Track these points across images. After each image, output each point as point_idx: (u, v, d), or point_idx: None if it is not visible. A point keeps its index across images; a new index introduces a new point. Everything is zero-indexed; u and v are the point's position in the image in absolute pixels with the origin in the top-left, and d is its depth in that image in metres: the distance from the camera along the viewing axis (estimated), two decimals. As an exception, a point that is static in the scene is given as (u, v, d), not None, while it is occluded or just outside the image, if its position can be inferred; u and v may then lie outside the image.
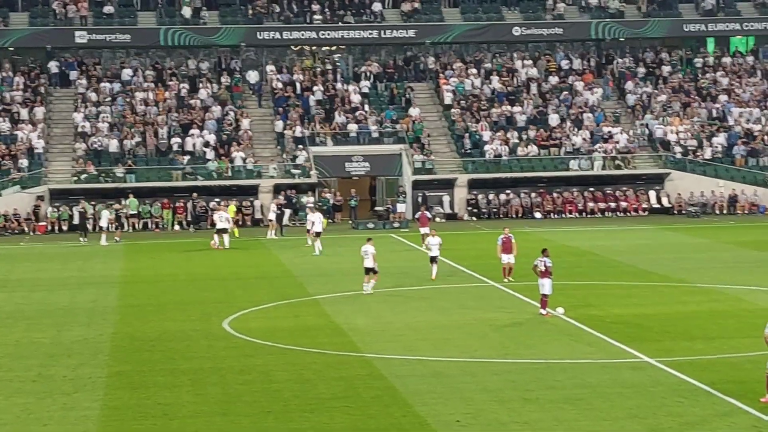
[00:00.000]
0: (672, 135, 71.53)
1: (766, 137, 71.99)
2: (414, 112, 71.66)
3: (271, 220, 59.12)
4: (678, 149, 70.70)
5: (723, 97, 74.96)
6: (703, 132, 71.96)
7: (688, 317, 34.00)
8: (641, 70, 77.14)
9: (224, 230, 53.76)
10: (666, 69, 77.50)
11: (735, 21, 78.94)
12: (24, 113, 69.29)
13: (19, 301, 39.33)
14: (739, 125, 72.70)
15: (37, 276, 45.84)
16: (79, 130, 68.56)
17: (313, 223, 52.31)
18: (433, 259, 41.99)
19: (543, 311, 34.10)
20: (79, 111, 69.91)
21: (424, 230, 52.45)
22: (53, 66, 73.05)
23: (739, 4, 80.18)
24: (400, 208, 65.31)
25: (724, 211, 67.93)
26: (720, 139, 71.44)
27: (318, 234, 51.66)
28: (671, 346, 29.66)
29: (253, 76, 74.37)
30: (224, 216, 54.61)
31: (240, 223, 62.83)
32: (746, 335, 30.03)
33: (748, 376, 25.19)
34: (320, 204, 64.71)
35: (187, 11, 74.64)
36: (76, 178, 65.76)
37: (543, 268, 34.16)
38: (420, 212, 55.96)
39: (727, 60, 78.79)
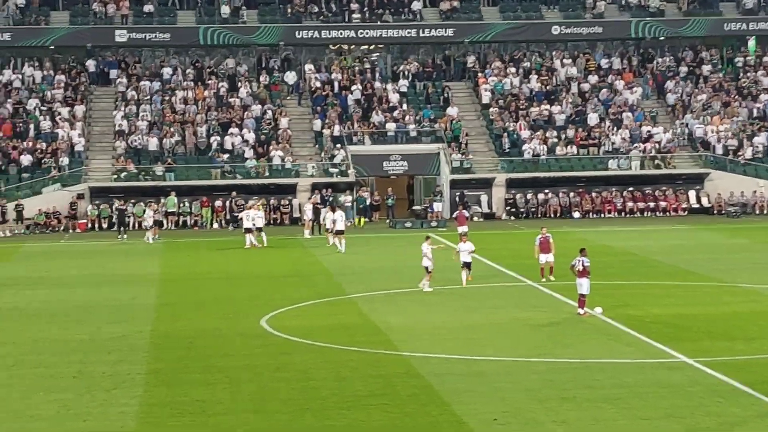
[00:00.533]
0: (712, 134, 71.10)
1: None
2: (452, 111, 71.60)
3: (308, 219, 59.09)
4: (718, 149, 70.27)
5: (764, 96, 74.45)
6: (744, 131, 71.49)
7: (727, 317, 33.78)
8: (681, 69, 76.72)
9: (249, 230, 53.31)
10: (706, 68, 77.05)
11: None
12: (64, 112, 69.75)
13: (60, 298, 39.61)
14: (780, 124, 72.24)
15: (77, 273, 46.14)
16: (119, 128, 68.95)
17: (334, 221, 52.06)
18: (466, 265, 40.46)
19: (581, 311, 33.98)
20: (119, 109, 70.32)
21: (461, 229, 52.63)
22: (92, 65, 73.53)
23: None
24: (437, 207, 65.30)
25: (765, 212, 67.46)
26: (761, 139, 70.95)
27: (339, 232, 51.26)
28: (710, 346, 29.50)
29: (291, 76, 74.55)
30: (252, 215, 54.19)
31: (278, 221, 62.96)
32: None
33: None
34: (357, 203, 64.76)
35: (225, 10, 74.90)
36: (115, 177, 66.13)
37: (581, 268, 34.04)
38: (458, 211, 55.88)
39: (768, 59, 78.28)
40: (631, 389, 24.92)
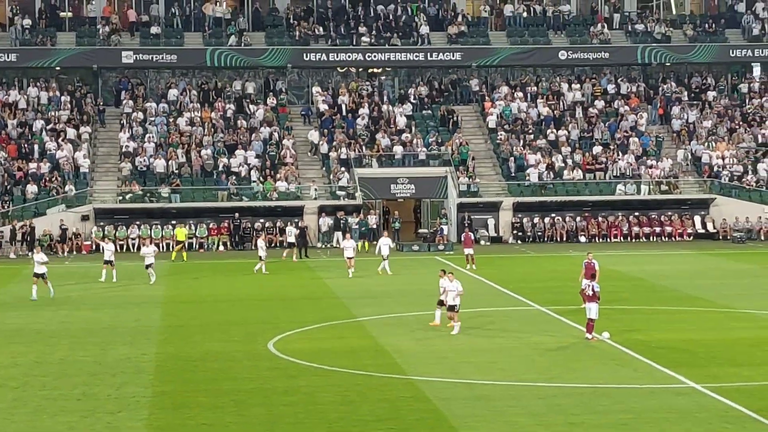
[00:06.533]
0: (717, 160, 71.11)
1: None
2: (459, 135, 71.63)
3: (291, 243, 59.11)
4: (724, 174, 70.25)
5: (770, 123, 74.54)
6: (749, 158, 71.49)
7: (734, 343, 33.67)
8: (687, 95, 76.78)
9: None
10: (711, 94, 77.12)
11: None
12: (70, 133, 69.82)
13: (63, 320, 39.51)
14: (786, 151, 72.30)
15: (81, 294, 46.08)
16: (125, 149, 69.01)
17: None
18: (450, 308, 35.58)
19: (589, 335, 33.89)
20: (125, 131, 70.40)
21: (468, 251, 53.06)
22: (100, 85, 73.73)
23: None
24: (444, 230, 65.28)
25: (771, 238, 67.47)
26: (766, 165, 70.91)
27: (350, 258, 51.03)
28: (717, 371, 29.38)
29: (299, 98, 74.64)
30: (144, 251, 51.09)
31: (274, 244, 63.00)
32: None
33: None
34: (360, 226, 64.69)
35: (231, 40, 74.89)
36: (121, 198, 66.14)
37: (591, 293, 34.00)
38: (464, 233, 56.00)
39: (774, 85, 78.42)
40: (638, 415, 24.80)
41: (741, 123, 74.68)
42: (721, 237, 67.30)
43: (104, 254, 50.85)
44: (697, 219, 68.53)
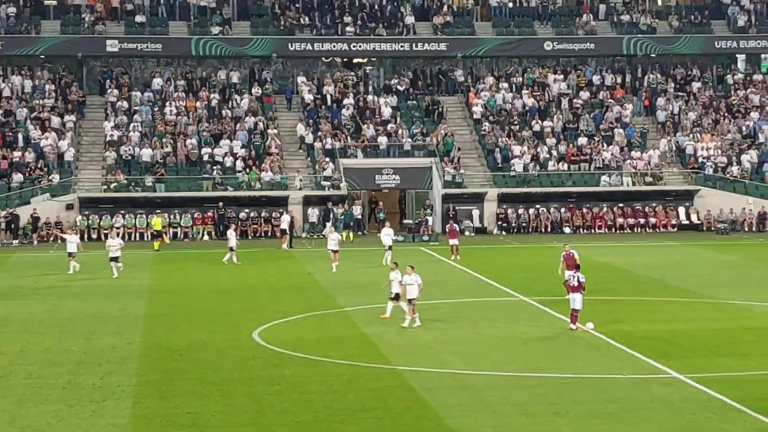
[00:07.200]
0: (702, 151, 71.29)
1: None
2: (444, 126, 71.66)
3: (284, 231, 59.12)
4: (708, 166, 70.43)
5: (754, 114, 74.67)
6: (733, 149, 71.69)
7: (718, 334, 33.82)
8: (672, 86, 76.94)
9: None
10: (696, 85, 77.27)
11: (767, 38, 78.67)
12: (55, 121, 69.62)
13: (49, 309, 39.47)
14: (770, 142, 72.54)
15: (66, 284, 46.01)
16: (109, 138, 68.85)
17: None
18: (410, 301, 34.83)
19: (573, 326, 33.98)
20: (110, 120, 70.24)
21: (453, 242, 53.12)
22: (84, 74, 73.53)
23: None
24: (428, 221, 65.31)
25: (753, 229, 67.58)
26: (750, 157, 71.13)
27: (334, 251, 50.06)
28: (701, 362, 29.50)
29: (284, 88, 74.56)
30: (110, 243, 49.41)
31: (269, 233, 62.96)
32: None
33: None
34: (341, 218, 64.55)
35: (216, 29, 74.70)
36: (105, 187, 66.01)
37: (576, 283, 34.09)
38: (449, 224, 56.06)
39: (758, 77, 78.49)
40: (623, 405, 24.90)
41: (726, 114, 74.85)
42: (705, 228, 67.49)
43: (67, 247, 49.53)
44: (682, 210, 68.70)
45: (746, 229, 67.64)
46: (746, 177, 69.91)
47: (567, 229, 66.79)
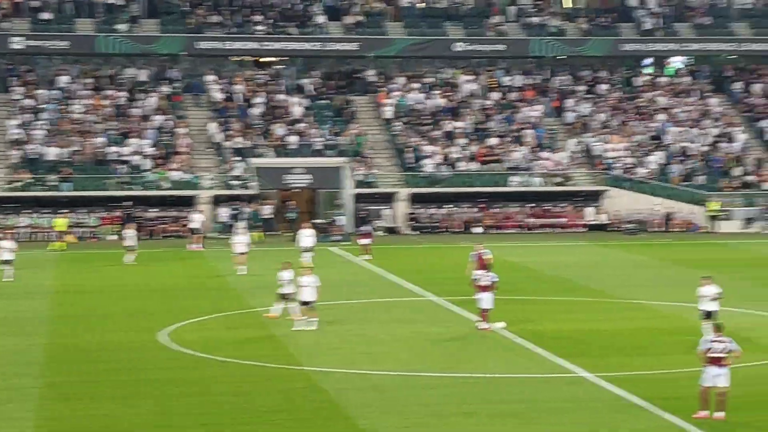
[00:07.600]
0: (610, 152, 72.03)
1: (701, 156, 72.76)
2: (356, 125, 71.56)
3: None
4: (616, 167, 71.16)
5: (661, 116, 75.63)
6: (640, 150, 72.53)
7: (625, 333, 34.11)
8: (581, 87, 77.66)
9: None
10: (604, 87, 78.07)
11: (673, 41, 79.75)
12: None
13: (-50, 310, 38.69)
14: (676, 144, 73.41)
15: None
16: (14, 137, 67.68)
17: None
18: (306, 302, 34.04)
19: (482, 326, 34.02)
20: (14, 118, 69.04)
21: (363, 241, 53.10)
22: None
23: (677, 24, 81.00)
24: (340, 221, 65.17)
25: (661, 229, 68.39)
26: (657, 158, 72.01)
27: (242, 254, 48.57)
28: (609, 361, 29.70)
29: (192, 86, 73.91)
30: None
31: (178, 233, 62.34)
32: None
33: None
34: (249, 218, 63.92)
35: (123, 27, 73.75)
36: (10, 186, 64.88)
37: (488, 283, 34.19)
38: (361, 224, 56.00)
39: (664, 80, 79.54)
40: (532, 404, 24.97)
41: (633, 116, 75.71)
42: (613, 228, 68.16)
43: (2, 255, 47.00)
44: (590, 210, 69.34)
45: (655, 229, 68.40)
46: (653, 178, 70.73)
47: (478, 229, 67.01)
